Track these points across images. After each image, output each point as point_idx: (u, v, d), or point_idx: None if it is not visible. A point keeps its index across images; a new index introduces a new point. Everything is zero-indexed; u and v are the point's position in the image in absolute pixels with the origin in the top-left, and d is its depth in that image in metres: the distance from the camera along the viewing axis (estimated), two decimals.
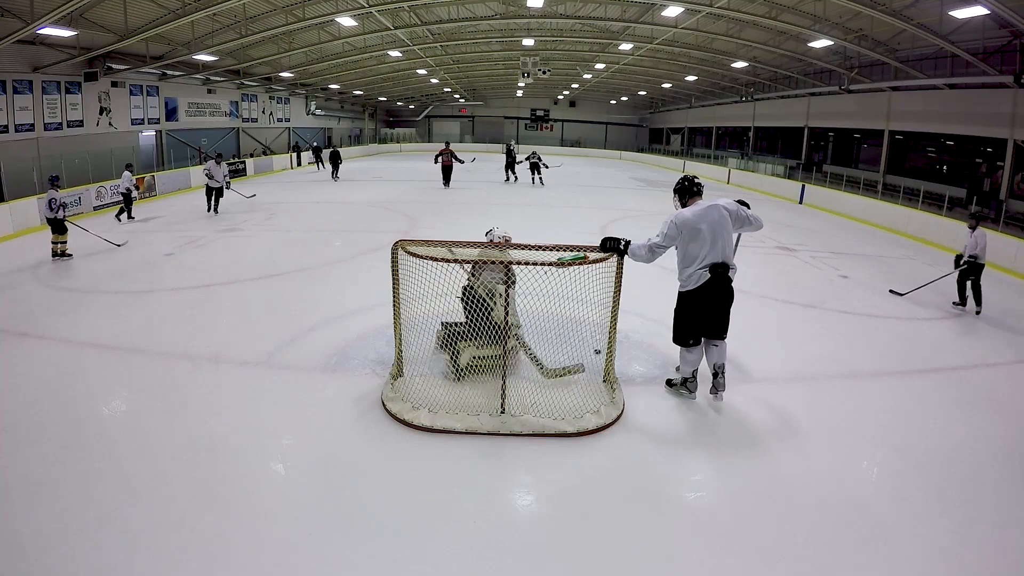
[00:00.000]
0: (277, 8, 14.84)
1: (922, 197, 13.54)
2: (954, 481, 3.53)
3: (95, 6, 11.96)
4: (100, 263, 8.16)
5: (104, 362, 4.85)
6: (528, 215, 12.64)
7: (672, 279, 4.41)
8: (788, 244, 10.77)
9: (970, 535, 3.04)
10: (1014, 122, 13.31)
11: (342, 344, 5.17)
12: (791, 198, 18.15)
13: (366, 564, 2.70)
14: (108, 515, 2.95)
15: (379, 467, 3.49)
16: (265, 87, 24.03)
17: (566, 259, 3.86)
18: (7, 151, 12.42)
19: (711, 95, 28.50)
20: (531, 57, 21.52)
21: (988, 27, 12.47)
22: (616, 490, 3.33)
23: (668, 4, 13.67)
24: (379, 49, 19.88)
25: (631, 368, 4.80)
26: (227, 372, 4.68)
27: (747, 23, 15.53)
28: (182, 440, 3.66)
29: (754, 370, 4.99)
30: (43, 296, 6.57)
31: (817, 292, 7.57)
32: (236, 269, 7.82)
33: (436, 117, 41.32)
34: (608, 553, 2.83)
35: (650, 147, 37.50)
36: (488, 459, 3.57)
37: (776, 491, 3.35)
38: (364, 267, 7.93)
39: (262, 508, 3.06)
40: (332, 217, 12.34)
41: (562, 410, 3.91)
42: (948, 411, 4.45)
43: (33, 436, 3.68)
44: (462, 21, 17.43)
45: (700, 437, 3.91)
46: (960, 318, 6.87)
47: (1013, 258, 9.59)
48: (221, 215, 12.17)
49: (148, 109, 17.89)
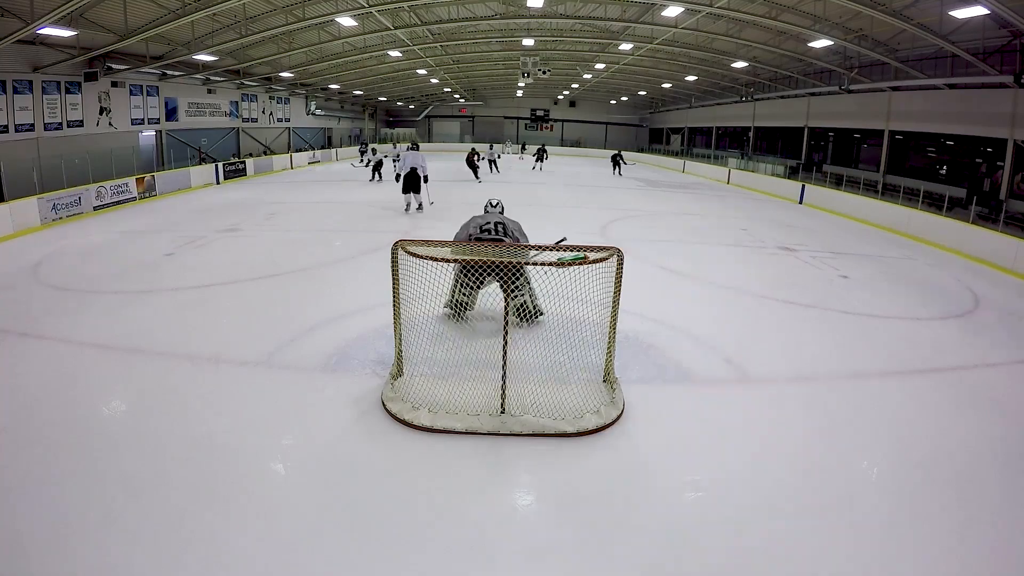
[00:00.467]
0: (277, 8, 14.83)
1: (922, 197, 13.54)
2: (954, 481, 3.53)
3: (95, 6, 11.96)
4: (100, 263, 8.16)
5: (104, 362, 4.85)
6: (528, 215, 12.61)
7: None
8: (788, 244, 10.77)
9: (970, 535, 3.04)
10: (1014, 122, 13.31)
11: (342, 344, 5.17)
12: (791, 198, 18.15)
13: (366, 564, 2.70)
14: (108, 515, 2.95)
15: (379, 467, 3.49)
16: (265, 87, 24.03)
17: (566, 259, 3.86)
18: (7, 151, 12.42)
19: (711, 95, 28.49)
20: (531, 57, 21.51)
21: (988, 27, 12.47)
22: (616, 490, 3.33)
23: (668, 4, 13.66)
24: (379, 49, 19.88)
25: (631, 368, 4.79)
26: (227, 372, 4.68)
27: (747, 23, 15.52)
28: (182, 440, 3.66)
29: (754, 370, 4.99)
30: (43, 296, 6.57)
31: (817, 292, 7.57)
32: (236, 269, 7.81)
33: (436, 117, 41.30)
34: (608, 553, 2.83)
35: (650, 147, 37.48)
36: (488, 459, 3.57)
37: (776, 491, 3.35)
38: (364, 267, 7.93)
39: (262, 508, 3.06)
40: (332, 217, 12.33)
41: (562, 410, 3.90)
42: (948, 411, 4.45)
43: (33, 436, 3.68)
44: (462, 21, 17.42)
45: (700, 437, 3.91)
46: (960, 318, 6.86)
47: (1013, 258, 9.59)
48: (222, 214, 12.20)
49: (148, 109, 17.89)
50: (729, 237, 11.19)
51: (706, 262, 8.83)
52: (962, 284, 8.48)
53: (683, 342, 5.49)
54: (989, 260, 10.09)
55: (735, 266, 8.74)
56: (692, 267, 8.49)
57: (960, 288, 8.24)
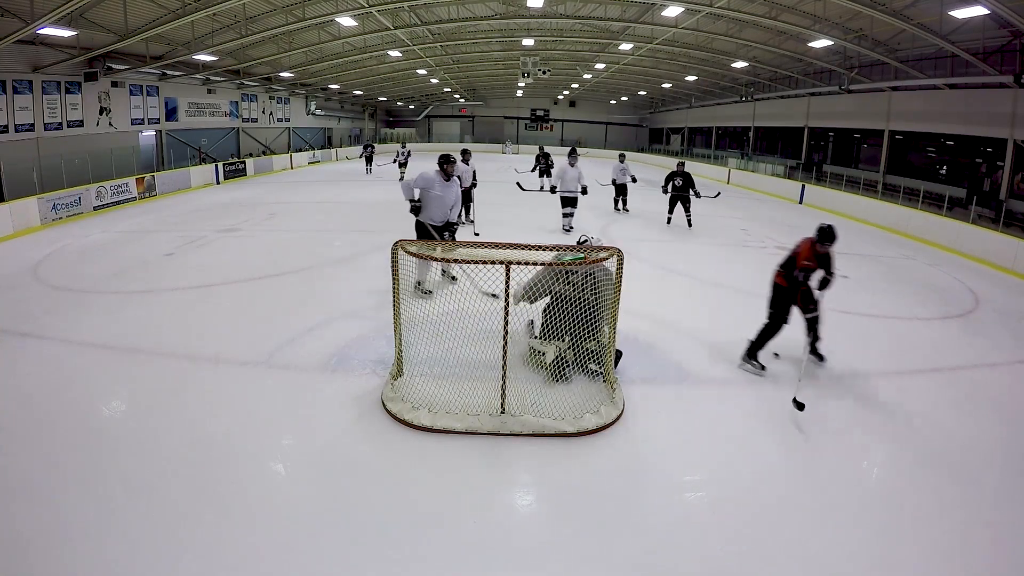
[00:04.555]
0: (277, 8, 14.83)
1: (922, 197, 13.53)
2: (954, 481, 3.53)
3: (95, 6, 11.96)
4: (100, 263, 8.16)
5: (104, 362, 4.85)
6: (528, 215, 12.63)
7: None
8: (788, 244, 10.73)
9: (970, 535, 3.04)
10: (1014, 122, 13.30)
11: (342, 344, 5.17)
12: (791, 198, 18.14)
13: (366, 564, 2.70)
14: (108, 515, 2.95)
15: (379, 467, 3.49)
16: (265, 87, 24.03)
17: (566, 259, 3.86)
18: (7, 151, 12.41)
19: (711, 95, 28.49)
20: (531, 57, 21.52)
21: (988, 27, 12.46)
22: (616, 490, 3.33)
23: (668, 4, 13.66)
24: (379, 49, 19.88)
25: (631, 368, 4.79)
26: (227, 372, 4.68)
27: (747, 23, 15.52)
28: (182, 440, 3.66)
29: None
30: (43, 296, 6.57)
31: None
32: (236, 269, 7.81)
33: (436, 117, 41.30)
34: (608, 553, 2.83)
35: (650, 147, 37.47)
36: (488, 459, 3.57)
37: (776, 491, 3.36)
38: (364, 267, 7.93)
39: (262, 508, 3.06)
40: (332, 217, 12.34)
41: (562, 410, 3.91)
42: (948, 411, 4.45)
43: (33, 436, 3.69)
44: (462, 21, 17.42)
45: (700, 437, 3.91)
46: (960, 318, 6.86)
47: (1013, 258, 9.59)
48: (222, 214, 12.19)
49: (148, 109, 17.89)
50: (729, 237, 11.19)
51: (706, 262, 8.82)
52: (962, 284, 8.47)
53: (683, 342, 5.49)
54: (989, 260, 10.09)
55: (735, 266, 8.73)
56: (692, 267, 8.49)
57: (960, 288, 8.24)
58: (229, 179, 19.11)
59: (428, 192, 6.13)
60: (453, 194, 6.29)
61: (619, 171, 13.52)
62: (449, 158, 6.21)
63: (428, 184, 6.11)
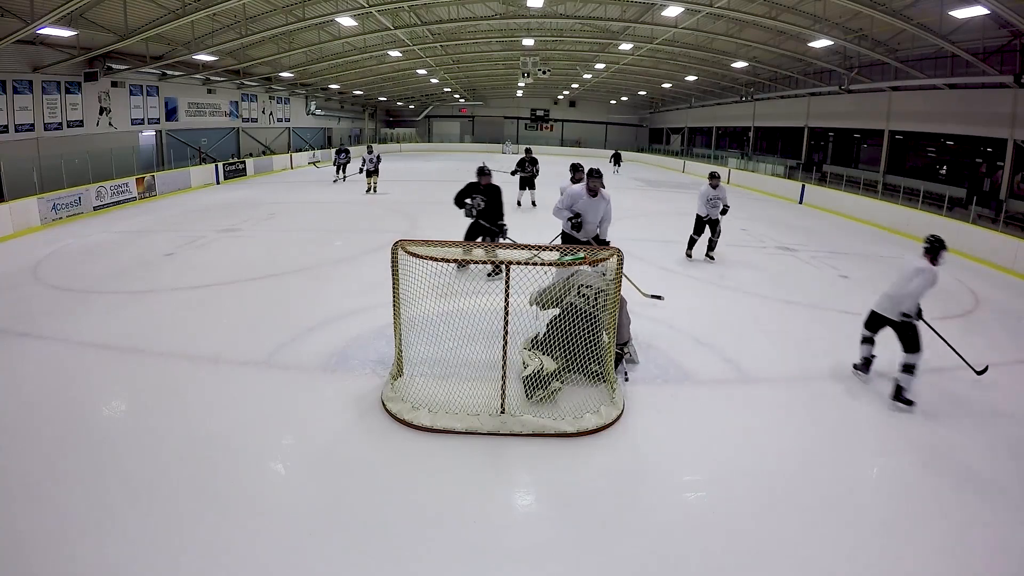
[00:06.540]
0: (277, 8, 14.83)
1: (922, 197, 13.53)
2: (954, 481, 3.53)
3: (95, 6, 11.96)
4: (100, 263, 8.16)
5: (104, 362, 4.85)
6: (528, 215, 12.63)
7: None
8: (788, 244, 10.77)
9: (970, 535, 3.05)
10: (1014, 122, 13.30)
11: (342, 344, 5.17)
12: (791, 198, 18.15)
13: (366, 564, 2.70)
14: (108, 515, 2.95)
15: (379, 467, 3.49)
16: (265, 87, 24.02)
17: (566, 259, 3.87)
18: (7, 151, 12.41)
19: (711, 95, 28.50)
20: (531, 57, 21.52)
21: (988, 27, 12.46)
22: (616, 490, 3.33)
23: (668, 4, 13.66)
24: (379, 49, 19.88)
25: (631, 368, 4.79)
26: (227, 372, 4.68)
27: (747, 23, 15.52)
28: (182, 440, 3.66)
29: (754, 370, 5.00)
30: (43, 296, 6.57)
31: (817, 292, 7.57)
32: (236, 269, 7.81)
33: (436, 117, 41.31)
34: (607, 553, 2.83)
35: (650, 147, 37.47)
36: (488, 459, 3.57)
37: (776, 491, 3.35)
38: (364, 267, 7.93)
39: (262, 508, 3.06)
40: (332, 217, 12.33)
41: (562, 410, 3.91)
42: (947, 411, 4.45)
43: (33, 436, 3.69)
44: (462, 21, 17.42)
45: (700, 437, 3.91)
46: (960, 318, 6.86)
47: (1013, 258, 9.59)
48: (222, 214, 12.19)
49: (148, 109, 17.89)
50: (729, 237, 11.18)
51: (706, 262, 8.83)
52: (962, 284, 8.47)
53: (683, 342, 5.49)
54: (989, 260, 10.09)
55: (735, 266, 8.73)
56: (692, 267, 8.50)
57: (960, 288, 8.24)
58: (229, 179, 19.10)
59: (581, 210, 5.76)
60: (601, 210, 5.82)
61: (708, 200, 8.60)
62: (593, 172, 5.75)
63: (576, 202, 5.76)
